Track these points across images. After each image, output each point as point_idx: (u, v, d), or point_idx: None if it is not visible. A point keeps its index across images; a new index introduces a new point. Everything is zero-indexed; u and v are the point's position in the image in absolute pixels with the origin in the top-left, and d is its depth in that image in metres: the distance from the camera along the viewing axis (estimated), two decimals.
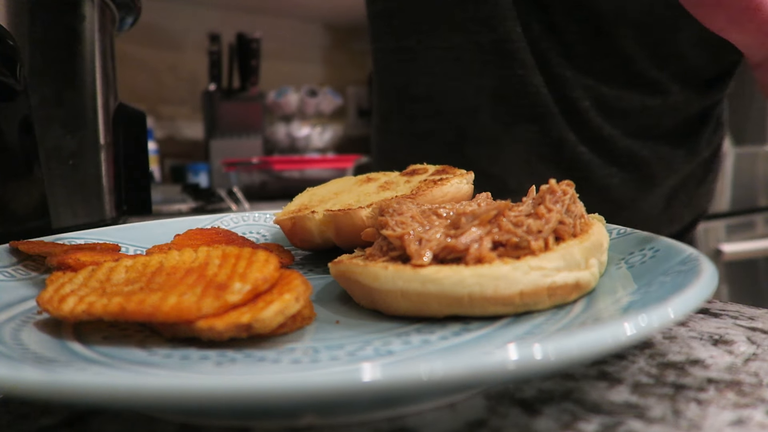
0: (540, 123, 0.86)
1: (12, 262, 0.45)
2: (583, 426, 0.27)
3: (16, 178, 0.59)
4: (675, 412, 0.28)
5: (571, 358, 0.22)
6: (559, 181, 0.40)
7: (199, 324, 0.31)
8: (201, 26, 2.82)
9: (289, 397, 0.19)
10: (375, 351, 0.31)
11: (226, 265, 0.37)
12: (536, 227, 0.37)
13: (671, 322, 0.25)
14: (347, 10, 2.86)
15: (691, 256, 0.36)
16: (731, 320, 0.42)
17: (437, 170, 0.61)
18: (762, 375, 0.32)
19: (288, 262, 0.51)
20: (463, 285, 0.34)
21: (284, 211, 0.59)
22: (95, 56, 0.70)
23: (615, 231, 0.48)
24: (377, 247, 0.40)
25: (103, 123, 0.72)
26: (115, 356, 0.31)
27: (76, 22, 0.67)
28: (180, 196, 2.10)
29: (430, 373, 0.20)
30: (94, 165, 0.70)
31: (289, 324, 0.34)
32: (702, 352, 0.35)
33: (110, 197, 0.74)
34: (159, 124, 2.89)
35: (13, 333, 0.34)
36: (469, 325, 0.35)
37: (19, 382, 0.20)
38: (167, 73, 2.91)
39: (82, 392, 0.20)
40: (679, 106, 0.88)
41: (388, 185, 0.60)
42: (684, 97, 0.87)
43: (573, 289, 0.37)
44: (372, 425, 0.27)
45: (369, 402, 0.26)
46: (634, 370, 0.32)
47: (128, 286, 0.36)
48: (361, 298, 0.40)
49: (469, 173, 0.57)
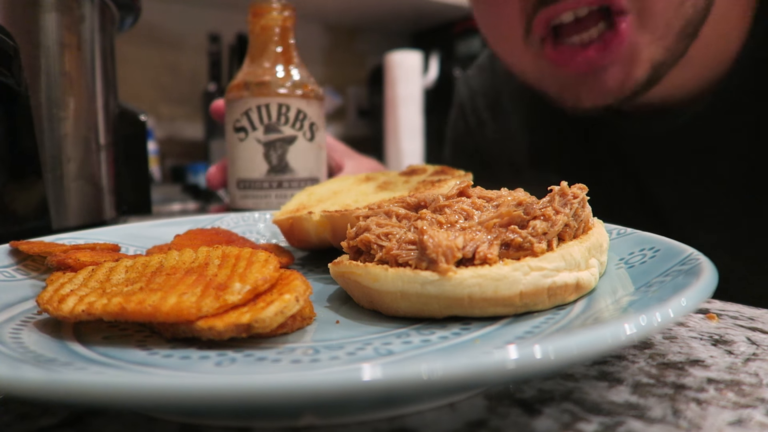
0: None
1: (12, 262, 0.45)
2: (583, 426, 0.26)
3: (16, 178, 0.59)
4: (675, 412, 0.28)
5: (571, 358, 0.22)
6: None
7: (199, 324, 0.31)
8: (201, 26, 2.82)
9: (289, 397, 0.19)
10: (375, 351, 0.31)
11: (226, 265, 0.37)
12: (542, 229, 0.37)
13: (671, 322, 0.25)
14: (347, 10, 2.86)
15: (691, 257, 0.36)
16: (731, 320, 0.42)
17: (436, 171, 0.61)
18: (762, 375, 0.32)
19: (288, 262, 0.51)
20: (463, 286, 0.34)
21: (282, 210, 0.59)
22: (95, 56, 0.70)
23: (615, 231, 0.48)
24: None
25: (103, 123, 0.72)
26: (115, 356, 0.31)
27: (76, 22, 0.67)
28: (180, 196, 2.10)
29: (430, 373, 0.20)
30: (94, 165, 0.70)
31: (289, 324, 0.34)
32: (702, 352, 0.35)
33: (110, 197, 0.74)
34: (159, 124, 2.89)
35: (13, 333, 0.34)
36: (469, 326, 0.35)
37: (19, 382, 0.20)
38: (167, 73, 2.91)
39: (82, 392, 0.20)
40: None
41: (386, 185, 0.60)
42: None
43: (573, 290, 0.37)
44: (372, 425, 0.27)
45: (369, 402, 0.26)
46: (634, 370, 0.32)
47: (128, 286, 0.36)
48: (361, 298, 0.40)
49: (468, 174, 0.57)
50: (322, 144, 0.76)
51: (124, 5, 0.76)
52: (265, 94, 0.71)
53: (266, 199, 0.73)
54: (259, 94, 0.72)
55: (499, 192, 0.42)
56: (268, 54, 0.74)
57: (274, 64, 0.74)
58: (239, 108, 0.72)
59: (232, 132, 0.74)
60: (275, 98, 0.71)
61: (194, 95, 2.95)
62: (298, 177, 0.73)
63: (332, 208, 0.54)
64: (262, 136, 0.72)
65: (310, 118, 0.73)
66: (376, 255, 0.38)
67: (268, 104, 0.71)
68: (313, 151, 0.74)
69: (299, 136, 0.72)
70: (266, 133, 0.72)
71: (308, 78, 0.75)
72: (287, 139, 0.72)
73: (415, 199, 0.43)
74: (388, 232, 0.39)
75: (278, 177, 0.72)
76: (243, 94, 0.72)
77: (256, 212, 0.67)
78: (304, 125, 0.72)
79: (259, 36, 0.75)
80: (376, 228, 0.40)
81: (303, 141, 0.73)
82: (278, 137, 0.72)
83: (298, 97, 0.72)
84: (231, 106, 0.74)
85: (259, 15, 0.74)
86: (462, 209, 0.40)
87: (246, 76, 0.74)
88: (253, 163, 0.72)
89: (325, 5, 2.90)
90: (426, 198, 0.43)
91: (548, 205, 0.38)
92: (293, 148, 0.72)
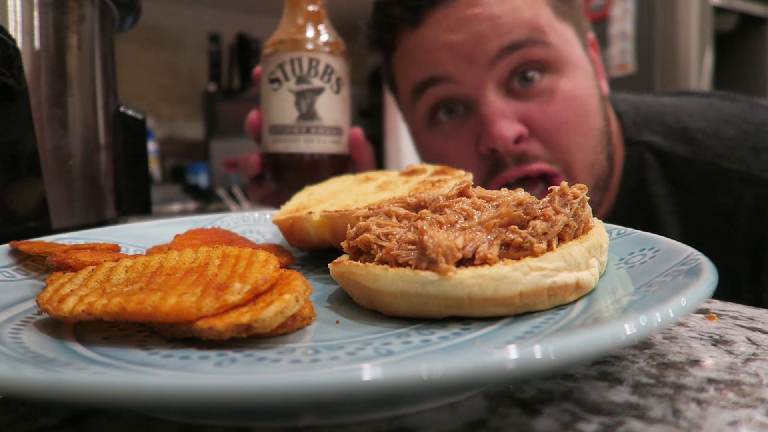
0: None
1: (12, 262, 0.45)
2: (583, 426, 0.26)
3: (16, 178, 0.59)
4: (675, 412, 0.28)
5: (571, 358, 0.22)
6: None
7: (199, 324, 0.31)
8: (201, 26, 2.82)
9: (289, 397, 0.19)
10: (375, 351, 0.31)
11: (226, 265, 0.37)
12: (542, 229, 0.36)
13: (671, 322, 0.25)
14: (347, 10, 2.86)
15: (691, 257, 0.36)
16: (731, 320, 0.42)
17: (436, 171, 0.61)
18: (762, 375, 0.32)
19: (288, 262, 0.51)
20: (463, 286, 0.34)
21: (282, 210, 0.59)
22: (95, 56, 0.70)
23: (615, 231, 0.48)
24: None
25: (103, 123, 0.72)
26: (115, 356, 0.31)
27: (76, 22, 0.67)
28: (180, 196, 2.10)
29: (430, 373, 0.20)
30: (94, 165, 0.70)
31: (289, 324, 0.34)
32: (702, 352, 0.35)
33: (110, 197, 0.74)
34: (159, 124, 2.89)
35: (13, 333, 0.34)
36: (469, 326, 0.35)
37: (19, 382, 0.20)
38: (167, 73, 2.91)
39: (82, 392, 0.20)
40: None
41: (386, 185, 0.60)
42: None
43: (573, 290, 0.37)
44: (372, 425, 0.27)
45: (369, 402, 0.26)
46: (634, 370, 0.32)
47: (128, 286, 0.36)
48: (361, 298, 0.39)
49: (468, 174, 0.57)
50: (347, 98, 0.83)
51: (124, 5, 0.76)
52: (298, 48, 0.78)
53: (295, 143, 0.79)
54: (292, 48, 0.78)
55: (499, 192, 0.42)
56: (301, 13, 0.81)
57: (305, 22, 0.80)
58: (275, 61, 0.79)
59: (267, 83, 0.81)
60: (306, 53, 0.78)
61: (194, 95, 2.95)
62: (324, 124, 0.80)
63: (332, 208, 0.54)
64: (294, 86, 0.79)
65: (337, 73, 0.80)
66: (376, 255, 0.38)
67: (300, 58, 0.78)
68: (338, 102, 0.81)
69: (327, 87, 0.79)
70: (298, 83, 0.79)
71: (336, 37, 0.82)
72: (316, 89, 0.79)
73: (415, 199, 0.43)
74: (388, 232, 0.39)
75: (307, 123, 0.79)
76: (279, 48, 0.79)
77: (256, 212, 0.68)
78: (331, 78, 0.80)
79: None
80: (376, 228, 0.40)
81: (330, 93, 0.80)
82: (308, 87, 0.79)
83: (326, 53, 0.79)
84: (267, 60, 0.81)
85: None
86: (462, 209, 0.40)
87: (281, 34, 0.80)
88: (284, 110, 0.79)
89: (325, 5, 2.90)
90: (426, 198, 0.43)
91: (548, 205, 0.38)
92: (321, 98, 0.79)
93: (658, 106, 0.99)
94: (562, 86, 0.85)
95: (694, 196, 0.90)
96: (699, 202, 0.89)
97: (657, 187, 0.93)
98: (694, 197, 0.90)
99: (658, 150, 0.93)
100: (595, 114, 0.89)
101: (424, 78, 0.88)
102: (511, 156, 0.84)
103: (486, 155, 0.86)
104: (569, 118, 0.86)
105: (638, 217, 0.94)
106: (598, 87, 0.93)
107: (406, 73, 0.93)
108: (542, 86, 0.85)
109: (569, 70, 0.86)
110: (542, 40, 0.84)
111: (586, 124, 0.88)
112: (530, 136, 0.85)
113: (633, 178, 0.95)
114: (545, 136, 0.85)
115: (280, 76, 0.79)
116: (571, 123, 0.86)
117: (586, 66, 0.90)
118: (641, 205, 0.94)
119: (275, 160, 0.80)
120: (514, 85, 0.85)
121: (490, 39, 0.83)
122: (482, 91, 0.84)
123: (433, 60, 0.86)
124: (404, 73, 0.93)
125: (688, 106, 0.98)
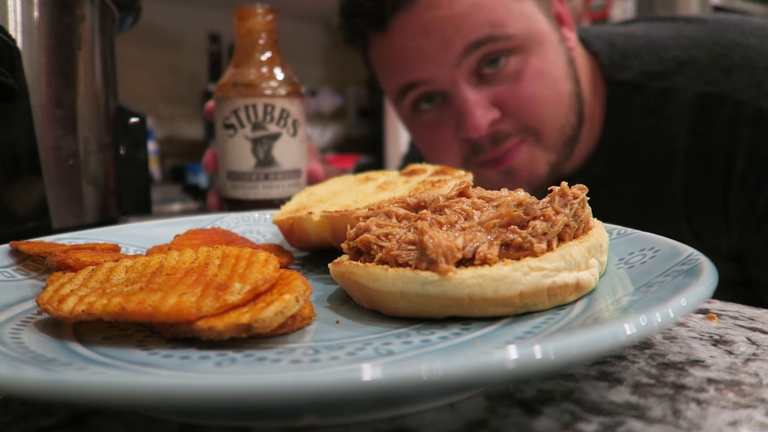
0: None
1: (12, 262, 0.45)
2: (583, 426, 0.27)
3: (16, 178, 0.59)
4: (675, 412, 0.28)
5: (571, 358, 0.22)
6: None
7: (199, 324, 0.31)
8: (201, 26, 2.82)
9: (289, 397, 0.19)
10: (375, 351, 0.31)
11: (226, 265, 0.37)
12: (542, 229, 0.37)
13: (671, 322, 0.25)
14: None
15: (691, 257, 0.36)
16: (731, 320, 0.42)
17: (436, 171, 0.61)
18: (762, 375, 0.32)
19: (288, 262, 0.51)
20: (463, 286, 0.34)
21: (282, 210, 0.59)
22: (95, 56, 0.70)
23: (615, 231, 0.48)
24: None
25: (103, 123, 0.72)
26: (115, 356, 0.31)
27: (76, 22, 0.67)
28: (180, 196, 2.10)
29: (430, 373, 0.20)
30: (94, 165, 0.70)
31: (289, 324, 0.34)
32: (702, 352, 0.35)
33: (110, 197, 0.74)
34: (159, 124, 2.89)
35: (14, 333, 0.34)
36: (469, 326, 0.35)
37: (19, 382, 0.20)
38: (167, 73, 2.91)
39: (82, 392, 0.20)
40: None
41: (386, 185, 0.60)
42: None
43: (573, 290, 0.37)
44: (372, 425, 0.27)
45: (369, 402, 0.26)
46: (634, 370, 0.32)
47: (128, 286, 0.36)
48: (361, 298, 0.40)
49: (468, 174, 0.57)
50: (304, 138, 0.82)
51: (124, 5, 0.76)
52: (252, 95, 0.76)
53: (254, 190, 0.78)
54: (246, 94, 0.76)
55: (499, 192, 0.42)
56: (253, 55, 0.79)
57: (259, 66, 0.78)
58: (228, 107, 0.77)
59: (222, 128, 0.79)
60: (261, 99, 0.76)
61: (194, 95, 2.95)
62: (282, 170, 0.78)
63: (332, 208, 0.54)
64: (250, 133, 0.77)
65: (293, 115, 0.78)
66: (376, 255, 0.38)
67: (255, 104, 0.76)
68: (296, 144, 0.79)
69: (283, 132, 0.78)
70: (253, 130, 0.77)
71: (291, 77, 0.80)
72: (273, 135, 0.78)
73: (415, 200, 0.43)
74: (388, 232, 0.39)
75: (265, 170, 0.78)
76: (231, 93, 0.77)
77: (256, 212, 0.68)
78: (287, 122, 0.78)
79: (245, 38, 0.79)
80: (376, 228, 0.40)
81: (287, 137, 0.78)
82: (264, 134, 0.77)
83: (282, 97, 0.77)
84: (220, 104, 0.78)
85: (244, 19, 0.78)
86: (462, 209, 0.40)
87: (233, 77, 0.78)
88: (241, 157, 0.78)
89: (325, 5, 2.91)
90: (426, 198, 0.43)
91: (548, 205, 0.38)
92: (278, 144, 0.78)
93: (632, 39, 1.02)
94: (530, 64, 0.90)
95: (673, 123, 0.93)
96: (679, 128, 0.93)
97: (639, 121, 0.97)
98: (673, 124, 0.93)
99: (638, 87, 0.97)
100: (563, 80, 0.94)
101: (402, 84, 0.95)
102: (486, 140, 0.92)
103: (465, 140, 0.93)
104: (538, 92, 0.91)
105: (622, 149, 0.99)
106: (567, 50, 0.96)
107: (383, 75, 0.99)
108: (510, 68, 0.90)
109: (534, 48, 0.91)
110: (504, 34, 0.88)
111: (555, 93, 0.93)
112: (504, 116, 0.91)
113: (616, 116, 0.99)
114: (518, 113, 0.91)
115: (234, 122, 0.77)
116: (540, 97, 0.91)
117: (551, 37, 0.94)
118: (624, 140, 0.99)
119: (236, 205, 0.79)
120: (484, 71, 0.90)
121: (454, 40, 0.88)
122: (455, 86, 0.90)
123: (407, 66, 0.92)
124: (382, 75, 1.00)
125: (660, 35, 1.01)
